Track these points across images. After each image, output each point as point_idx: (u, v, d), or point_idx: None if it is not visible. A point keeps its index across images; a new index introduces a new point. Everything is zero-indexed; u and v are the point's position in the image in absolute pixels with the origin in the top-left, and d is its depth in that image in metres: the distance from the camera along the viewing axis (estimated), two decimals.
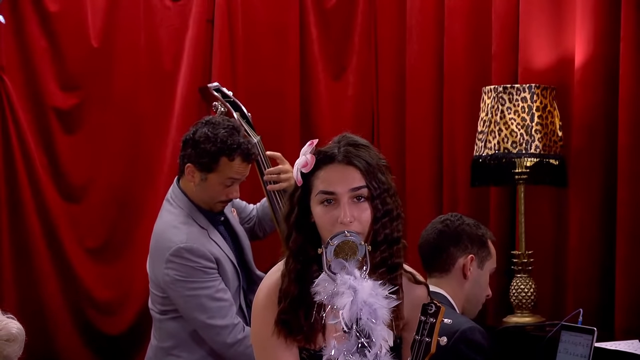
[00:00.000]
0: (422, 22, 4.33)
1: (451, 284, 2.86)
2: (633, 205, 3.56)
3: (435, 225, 2.93)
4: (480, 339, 2.68)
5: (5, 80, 4.11)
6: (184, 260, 3.16)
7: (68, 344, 4.22)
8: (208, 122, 3.24)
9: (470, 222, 2.92)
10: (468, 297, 2.88)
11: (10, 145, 4.12)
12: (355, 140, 2.13)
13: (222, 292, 3.21)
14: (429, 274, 2.89)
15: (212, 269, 3.20)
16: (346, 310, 1.85)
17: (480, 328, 2.72)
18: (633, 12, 3.57)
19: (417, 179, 4.34)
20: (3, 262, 4.10)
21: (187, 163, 3.21)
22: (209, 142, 3.16)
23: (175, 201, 3.28)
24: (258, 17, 4.43)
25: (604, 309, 3.67)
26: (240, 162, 3.20)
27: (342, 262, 1.90)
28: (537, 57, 3.91)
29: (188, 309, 3.19)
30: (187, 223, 3.23)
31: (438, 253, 2.88)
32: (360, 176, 2.06)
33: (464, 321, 2.70)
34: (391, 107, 4.48)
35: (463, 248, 2.87)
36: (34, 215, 4.17)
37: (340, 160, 2.07)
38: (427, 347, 1.95)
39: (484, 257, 2.90)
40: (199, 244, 3.18)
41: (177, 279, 3.17)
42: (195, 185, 3.22)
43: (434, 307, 1.97)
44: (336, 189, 2.04)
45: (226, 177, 3.20)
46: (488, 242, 2.92)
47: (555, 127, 3.73)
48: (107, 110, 4.27)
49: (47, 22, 4.20)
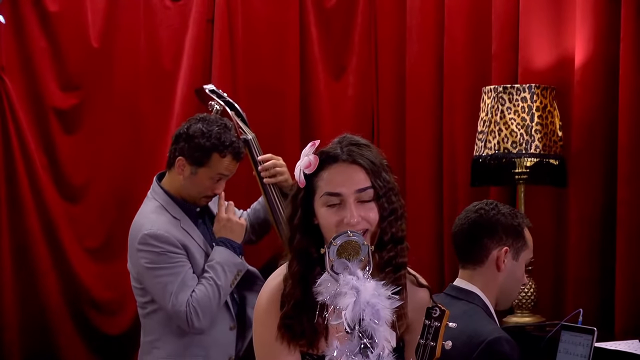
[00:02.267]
0: (422, 22, 4.33)
1: (484, 277, 2.76)
2: (633, 205, 3.56)
3: (469, 215, 2.82)
4: (508, 350, 2.56)
5: (5, 80, 4.11)
6: (149, 246, 3.27)
7: (68, 344, 4.22)
8: (202, 118, 3.36)
9: (506, 211, 2.81)
10: (502, 289, 2.79)
11: (10, 145, 4.12)
12: (357, 140, 2.12)
13: (189, 279, 3.30)
14: (462, 265, 2.82)
15: (179, 254, 3.29)
16: (349, 310, 1.85)
17: (508, 337, 2.60)
18: (633, 12, 3.57)
19: (417, 179, 4.34)
20: (3, 262, 4.10)
21: (179, 156, 3.33)
22: (203, 138, 3.29)
23: (152, 195, 3.41)
24: (258, 17, 4.43)
25: (604, 309, 3.67)
26: (230, 159, 3.33)
27: (344, 262, 1.90)
28: (537, 57, 3.91)
29: (158, 295, 3.30)
30: (158, 213, 3.35)
31: (471, 244, 2.78)
32: (365, 176, 2.06)
33: (491, 330, 2.61)
34: (391, 107, 4.48)
35: (497, 240, 2.76)
36: (34, 215, 4.17)
37: (344, 160, 2.07)
38: (431, 351, 1.94)
39: (520, 247, 2.80)
40: (163, 230, 3.28)
41: (147, 267, 3.29)
42: (184, 179, 3.34)
43: (439, 311, 1.96)
44: (342, 190, 2.04)
45: (215, 173, 3.33)
46: (524, 232, 2.82)
47: (555, 127, 3.73)
48: (107, 110, 4.27)
49: (47, 22, 4.20)
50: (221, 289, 3.31)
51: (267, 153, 3.90)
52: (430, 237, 4.25)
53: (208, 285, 3.31)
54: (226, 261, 3.33)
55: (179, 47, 4.34)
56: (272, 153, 3.90)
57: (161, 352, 3.38)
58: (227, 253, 3.35)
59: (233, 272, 3.34)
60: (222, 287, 3.31)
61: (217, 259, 3.34)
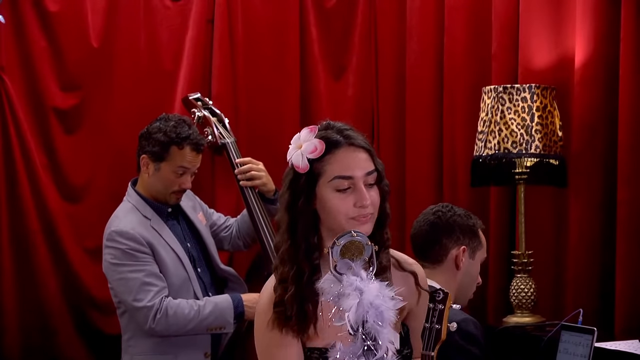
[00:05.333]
0: (422, 22, 4.33)
1: (444, 275, 2.91)
2: (633, 205, 3.56)
3: (427, 217, 2.98)
4: (474, 330, 2.73)
5: (5, 80, 4.10)
6: (115, 243, 3.41)
7: (68, 344, 4.21)
8: (161, 117, 3.57)
9: (461, 212, 2.98)
10: (460, 287, 2.93)
11: (10, 145, 4.11)
12: (345, 125, 2.14)
13: (153, 277, 3.39)
14: (422, 265, 2.90)
15: (144, 252, 3.41)
16: (352, 312, 1.84)
17: (473, 319, 2.77)
18: (633, 12, 3.57)
19: (417, 179, 4.34)
20: (3, 262, 4.10)
21: (142, 155, 3.52)
22: (160, 133, 3.48)
23: (126, 198, 3.57)
24: (258, 17, 4.42)
25: (604, 309, 3.67)
26: (189, 151, 3.49)
27: (348, 262, 1.89)
28: (537, 57, 3.91)
29: (119, 291, 3.43)
30: (129, 212, 3.50)
31: (431, 244, 2.94)
32: (369, 159, 2.09)
33: (457, 313, 2.71)
34: (391, 107, 4.48)
35: (455, 239, 2.92)
36: (34, 215, 4.16)
37: (350, 144, 2.08)
38: (437, 334, 1.98)
39: (475, 247, 2.96)
40: (129, 227, 3.42)
41: (111, 263, 3.42)
42: (150, 177, 3.51)
43: (442, 294, 1.99)
44: (354, 173, 2.06)
45: (177, 166, 3.48)
46: (479, 232, 2.98)
47: (555, 127, 3.73)
48: (107, 110, 4.26)
49: (47, 22, 4.19)
50: (198, 321, 3.40)
51: (267, 153, 3.92)
52: None
53: (192, 309, 3.39)
54: (222, 312, 3.44)
55: (179, 47, 4.34)
56: (272, 153, 3.93)
57: (135, 349, 3.49)
58: (228, 309, 3.45)
59: (217, 323, 3.43)
60: (199, 321, 3.40)
61: (218, 303, 3.44)
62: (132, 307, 3.39)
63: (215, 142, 3.86)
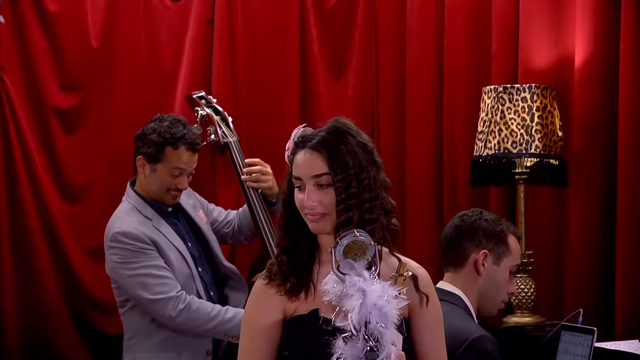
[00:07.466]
0: (422, 22, 4.33)
1: (465, 279, 2.84)
2: (633, 205, 3.57)
3: (453, 220, 2.93)
4: (491, 349, 2.63)
5: (5, 80, 4.09)
6: (120, 243, 3.41)
7: (68, 344, 4.21)
8: (156, 118, 3.56)
9: (490, 217, 2.90)
10: (482, 294, 2.85)
11: (10, 145, 4.11)
12: (339, 127, 2.15)
13: (163, 270, 3.41)
14: (445, 268, 2.89)
15: (150, 250, 3.42)
16: (355, 313, 1.84)
17: (491, 337, 2.67)
18: (633, 12, 3.58)
19: (417, 179, 4.34)
20: (3, 262, 4.09)
21: (138, 156, 3.51)
22: (155, 134, 3.47)
23: (125, 198, 3.57)
24: (258, 17, 4.42)
25: (604, 309, 3.67)
26: (184, 150, 3.48)
27: (351, 262, 1.89)
28: (537, 57, 3.91)
29: (132, 289, 3.42)
30: (130, 213, 3.50)
31: (452, 248, 2.87)
32: (323, 163, 2.10)
33: (475, 329, 2.67)
34: (391, 107, 4.48)
35: (477, 243, 2.84)
36: (34, 215, 4.16)
37: (309, 146, 2.12)
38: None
39: (501, 253, 2.85)
40: (132, 228, 3.42)
41: (118, 262, 3.42)
42: (146, 177, 3.51)
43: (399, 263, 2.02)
44: (301, 175, 2.11)
45: (173, 167, 3.48)
46: (508, 238, 2.88)
47: (555, 127, 3.74)
48: (107, 110, 4.26)
49: (47, 22, 4.18)
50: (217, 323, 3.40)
51: (268, 153, 3.91)
52: (430, 237, 4.24)
53: (215, 309, 3.41)
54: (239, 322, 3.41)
55: (179, 47, 4.33)
56: (272, 154, 3.91)
57: (138, 347, 3.50)
58: None
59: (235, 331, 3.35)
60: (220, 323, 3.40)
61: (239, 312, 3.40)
62: (147, 301, 3.38)
63: (218, 140, 3.87)
